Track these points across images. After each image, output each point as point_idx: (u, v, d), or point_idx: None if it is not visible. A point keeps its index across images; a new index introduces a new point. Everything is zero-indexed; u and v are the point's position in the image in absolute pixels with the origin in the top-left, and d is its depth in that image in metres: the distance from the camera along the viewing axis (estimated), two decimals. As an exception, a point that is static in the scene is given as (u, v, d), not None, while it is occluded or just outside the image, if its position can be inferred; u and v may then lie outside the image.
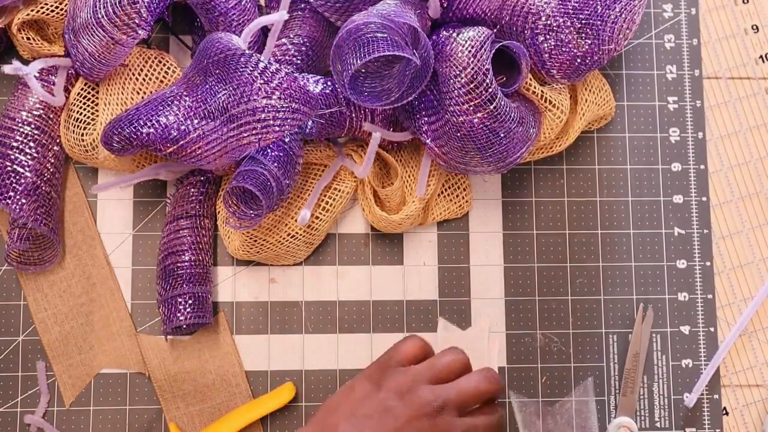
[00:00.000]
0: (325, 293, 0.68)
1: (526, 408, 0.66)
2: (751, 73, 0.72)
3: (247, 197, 0.61)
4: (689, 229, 0.70)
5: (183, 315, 0.63)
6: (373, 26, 0.57)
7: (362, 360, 0.67)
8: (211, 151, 0.59)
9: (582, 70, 0.63)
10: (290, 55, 0.63)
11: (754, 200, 0.70)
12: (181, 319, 0.63)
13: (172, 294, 0.63)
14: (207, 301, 0.65)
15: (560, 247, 0.69)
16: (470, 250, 0.69)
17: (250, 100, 0.57)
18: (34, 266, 0.65)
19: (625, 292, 0.69)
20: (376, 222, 0.66)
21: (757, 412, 0.68)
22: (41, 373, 0.66)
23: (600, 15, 0.62)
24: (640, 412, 0.68)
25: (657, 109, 0.71)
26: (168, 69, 0.64)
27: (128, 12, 0.58)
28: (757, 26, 0.72)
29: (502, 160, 0.62)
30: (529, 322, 0.68)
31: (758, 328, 0.69)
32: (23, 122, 0.63)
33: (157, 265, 0.66)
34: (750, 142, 0.71)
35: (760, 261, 0.70)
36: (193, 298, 0.63)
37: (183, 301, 0.63)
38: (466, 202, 0.68)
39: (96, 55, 0.60)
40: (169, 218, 0.65)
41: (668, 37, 0.71)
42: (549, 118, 0.64)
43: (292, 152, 0.62)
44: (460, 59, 0.58)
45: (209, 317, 0.65)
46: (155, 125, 0.58)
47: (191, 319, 0.63)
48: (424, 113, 0.63)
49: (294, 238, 0.65)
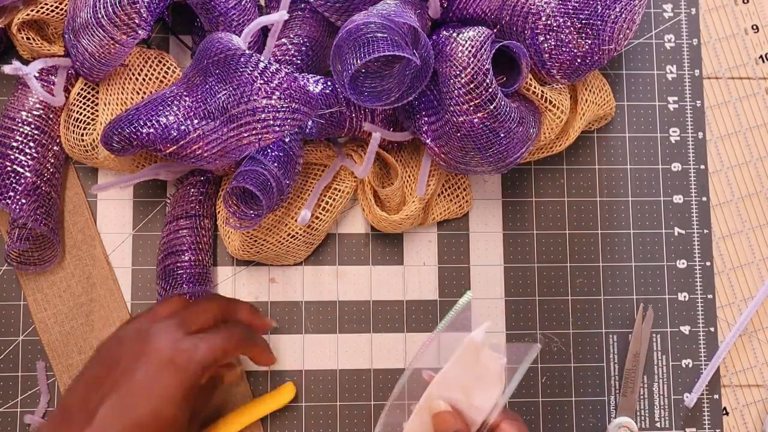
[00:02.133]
0: (325, 293, 0.68)
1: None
2: (751, 73, 0.72)
3: (247, 197, 0.61)
4: (689, 229, 0.70)
5: None
6: (373, 26, 0.57)
7: (362, 360, 0.67)
8: (211, 151, 0.59)
9: (582, 70, 0.63)
10: (290, 55, 0.63)
11: (754, 200, 0.70)
12: None
13: (173, 294, 0.63)
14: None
15: (560, 247, 0.69)
16: (470, 250, 0.69)
17: (250, 100, 0.57)
18: (34, 266, 0.65)
19: (625, 292, 0.69)
20: (376, 222, 0.66)
21: (757, 412, 0.68)
22: (41, 373, 0.66)
23: (600, 15, 0.62)
24: (640, 412, 0.68)
25: (657, 109, 0.71)
26: (168, 69, 0.64)
27: (128, 12, 0.58)
28: (757, 26, 0.72)
29: (502, 160, 0.62)
30: (529, 322, 0.68)
31: (758, 328, 0.69)
32: (23, 122, 0.63)
33: (157, 265, 0.66)
34: (750, 142, 0.71)
35: (760, 261, 0.70)
36: (193, 298, 0.63)
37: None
38: (466, 202, 0.68)
39: (96, 55, 0.60)
40: (169, 218, 0.65)
41: (668, 37, 0.71)
42: (549, 118, 0.64)
43: (292, 152, 0.61)
44: (460, 59, 0.58)
45: None
46: (155, 125, 0.58)
47: None
48: (424, 113, 0.63)
49: (294, 238, 0.65)
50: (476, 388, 0.56)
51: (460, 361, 0.55)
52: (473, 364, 0.55)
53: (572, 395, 0.68)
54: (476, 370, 0.55)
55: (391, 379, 0.67)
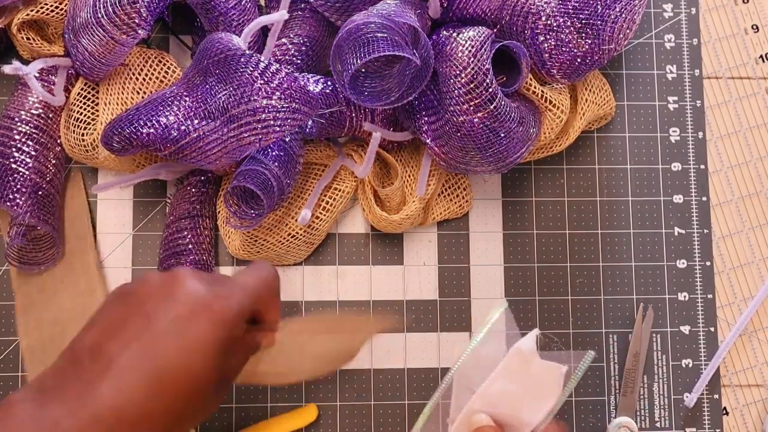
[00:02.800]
0: (325, 293, 0.68)
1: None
2: (751, 72, 0.72)
3: (247, 197, 0.61)
4: (689, 229, 0.70)
5: None
6: (373, 26, 0.57)
7: (363, 360, 0.67)
8: (212, 151, 0.59)
9: (582, 69, 0.63)
10: (290, 55, 0.63)
11: (754, 200, 0.70)
12: None
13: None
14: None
15: (560, 247, 0.69)
16: (470, 250, 0.69)
17: (250, 101, 0.57)
18: (36, 265, 0.65)
19: (625, 291, 0.69)
20: (376, 222, 0.66)
21: (757, 412, 0.68)
22: (41, 373, 0.65)
23: (600, 15, 0.62)
24: (640, 412, 0.68)
25: (657, 108, 0.71)
26: (168, 69, 0.64)
27: (128, 11, 0.58)
28: (757, 26, 0.72)
29: (502, 160, 0.62)
30: (529, 322, 0.68)
31: (758, 328, 0.69)
32: (23, 122, 0.63)
33: (158, 265, 0.66)
34: (750, 141, 0.71)
35: (760, 261, 0.70)
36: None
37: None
38: (466, 202, 0.68)
39: (96, 54, 0.60)
40: (170, 219, 0.65)
41: (668, 36, 0.71)
42: (549, 117, 0.64)
43: (292, 152, 0.61)
44: (460, 59, 0.58)
45: None
46: (155, 125, 0.58)
47: None
48: (424, 113, 0.63)
49: (294, 238, 0.65)
50: (524, 401, 0.52)
51: (507, 372, 0.51)
52: (521, 375, 0.51)
53: (572, 395, 0.68)
54: (525, 382, 0.52)
55: (391, 379, 0.67)
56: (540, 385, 0.51)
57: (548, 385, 0.52)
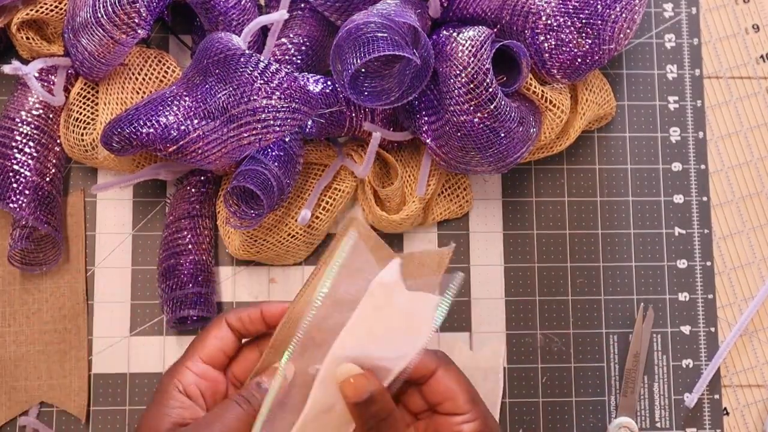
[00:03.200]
0: (325, 293, 0.68)
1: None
2: (751, 72, 0.72)
3: (247, 197, 0.61)
4: (690, 229, 0.70)
5: (188, 310, 0.63)
6: (373, 26, 0.57)
7: (362, 360, 0.67)
8: (212, 151, 0.59)
9: (582, 69, 0.63)
10: (290, 54, 0.63)
11: (755, 200, 0.70)
12: (190, 312, 0.63)
13: (176, 294, 0.63)
14: (211, 302, 0.65)
15: (560, 247, 0.69)
16: (470, 250, 0.69)
17: (250, 100, 0.57)
18: (37, 266, 0.65)
19: (626, 292, 0.69)
20: (376, 222, 0.66)
21: (757, 412, 0.68)
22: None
23: (600, 15, 0.62)
24: (640, 412, 0.68)
25: (657, 108, 0.71)
26: (168, 69, 0.64)
27: (128, 11, 0.58)
28: (757, 26, 0.72)
29: (502, 160, 0.62)
30: (529, 322, 0.68)
31: (759, 328, 0.69)
32: (23, 122, 0.63)
33: (158, 265, 0.65)
34: (750, 141, 0.71)
35: (761, 261, 0.70)
36: (196, 297, 0.64)
37: (187, 300, 0.63)
38: (466, 202, 0.68)
39: (95, 54, 0.60)
40: (169, 219, 0.65)
41: (669, 36, 0.71)
42: (549, 117, 0.64)
43: (292, 152, 0.61)
44: (460, 59, 0.58)
45: (214, 314, 0.65)
46: (155, 125, 0.58)
47: (198, 313, 0.64)
48: (424, 113, 0.63)
49: (294, 238, 0.65)
50: (395, 336, 0.47)
51: (371, 308, 0.45)
52: (388, 310, 0.46)
53: (572, 395, 0.67)
54: (393, 316, 0.46)
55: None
56: (410, 317, 0.46)
57: (419, 315, 0.46)
